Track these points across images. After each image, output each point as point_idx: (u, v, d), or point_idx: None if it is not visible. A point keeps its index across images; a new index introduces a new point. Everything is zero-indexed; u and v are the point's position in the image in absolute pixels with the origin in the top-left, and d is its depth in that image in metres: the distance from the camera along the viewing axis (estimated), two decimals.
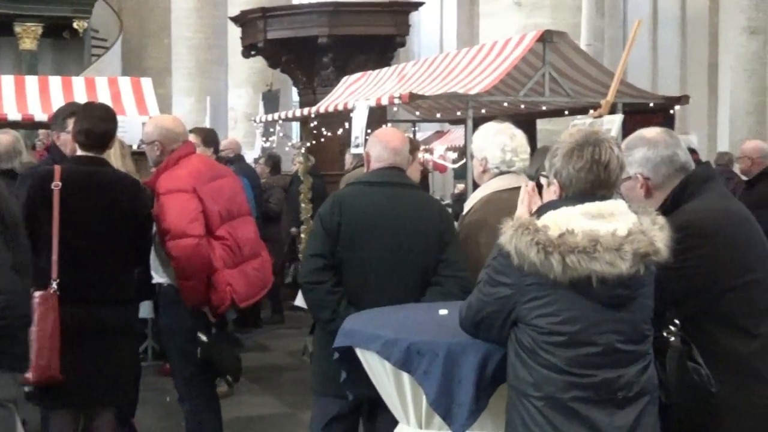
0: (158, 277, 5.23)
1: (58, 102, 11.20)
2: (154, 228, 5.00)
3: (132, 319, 4.99)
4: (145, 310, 7.59)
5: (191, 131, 7.06)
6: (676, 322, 3.10)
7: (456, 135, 19.57)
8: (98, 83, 12.50)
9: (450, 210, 9.62)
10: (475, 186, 4.82)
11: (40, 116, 11.22)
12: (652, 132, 3.40)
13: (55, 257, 4.58)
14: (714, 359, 3.09)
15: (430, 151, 20.21)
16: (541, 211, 3.02)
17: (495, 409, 3.12)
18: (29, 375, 4.36)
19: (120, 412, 5.03)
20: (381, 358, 3.28)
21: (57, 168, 4.76)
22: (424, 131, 19.38)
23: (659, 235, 2.90)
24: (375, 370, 3.40)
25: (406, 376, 3.22)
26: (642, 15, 22.11)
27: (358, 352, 3.47)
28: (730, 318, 3.18)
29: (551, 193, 3.11)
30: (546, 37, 8.69)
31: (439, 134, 21.83)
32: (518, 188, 4.43)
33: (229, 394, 6.81)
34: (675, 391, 3.04)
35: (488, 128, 4.61)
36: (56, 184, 4.65)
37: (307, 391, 4.66)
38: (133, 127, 11.02)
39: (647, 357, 2.97)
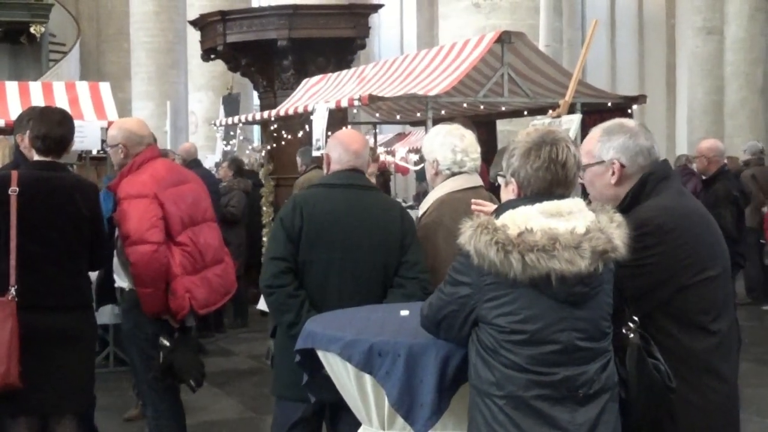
0: (120, 281, 5.18)
1: (15, 107, 11.09)
2: (117, 232, 4.97)
3: (90, 325, 4.94)
4: (106, 316, 7.53)
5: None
6: (635, 318, 3.11)
7: (417, 137, 19.59)
8: (56, 88, 12.38)
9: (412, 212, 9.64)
10: None
11: None
12: (632, 123, 3.43)
13: (13, 263, 4.52)
14: (671, 356, 3.11)
15: (391, 153, 20.22)
16: (499, 211, 3.02)
17: (457, 408, 3.12)
18: None
19: (81, 419, 4.98)
20: (342, 360, 3.26)
21: (14, 173, 4.70)
22: (385, 133, 19.43)
23: (617, 233, 2.92)
24: (336, 372, 3.37)
25: (367, 378, 3.20)
26: (600, 16, 22.26)
27: (320, 354, 3.44)
28: (687, 315, 3.19)
29: (509, 192, 3.11)
30: (504, 38, 8.73)
31: (401, 136, 21.84)
32: (471, 188, 4.49)
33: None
34: (634, 387, 3.05)
35: (438, 130, 4.62)
36: (13, 190, 4.59)
37: (271, 395, 4.64)
38: (91, 132, 10.93)
39: (607, 354, 2.98)
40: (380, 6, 14.48)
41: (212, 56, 13.49)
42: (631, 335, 3.08)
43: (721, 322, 3.25)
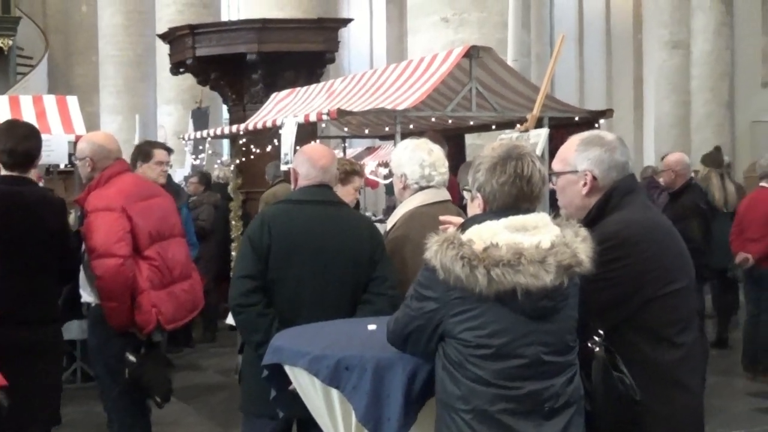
0: (86, 296, 5.13)
1: None
2: (83, 246, 4.93)
3: (58, 339, 4.89)
4: (74, 331, 7.47)
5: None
6: (600, 332, 3.12)
7: (386, 150, 19.57)
8: (23, 101, 12.26)
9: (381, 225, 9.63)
10: None
11: None
12: (610, 136, 3.44)
13: None
14: (637, 368, 3.11)
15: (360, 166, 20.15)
16: (465, 225, 3.03)
17: (424, 422, 3.11)
18: None
19: None
20: (309, 375, 3.25)
21: None
22: (354, 147, 19.39)
23: (582, 247, 2.93)
24: (304, 386, 3.36)
25: (335, 392, 3.19)
26: (568, 31, 22.38)
27: (287, 369, 3.43)
28: (653, 328, 3.21)
29: (475, 207, 3.13)
30: (472, 53, 8.74)
31: (370, 150, 21.81)
32: (439, 203, 4.50)
33: None
34: (600, 400, 3.07)
35: (406, 145, 4.61)
36: None
37: (240, 411, 4.61)
38: (59, 146, 10.87)
39: (573, 368, 2.99)
40: (350, 20, 14.46)
41: (181, 70, 13.41)
42: (597, 349, 3.09)
43: (686, 334, 3.27)
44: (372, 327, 3.61)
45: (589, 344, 3.09)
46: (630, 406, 3.08)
